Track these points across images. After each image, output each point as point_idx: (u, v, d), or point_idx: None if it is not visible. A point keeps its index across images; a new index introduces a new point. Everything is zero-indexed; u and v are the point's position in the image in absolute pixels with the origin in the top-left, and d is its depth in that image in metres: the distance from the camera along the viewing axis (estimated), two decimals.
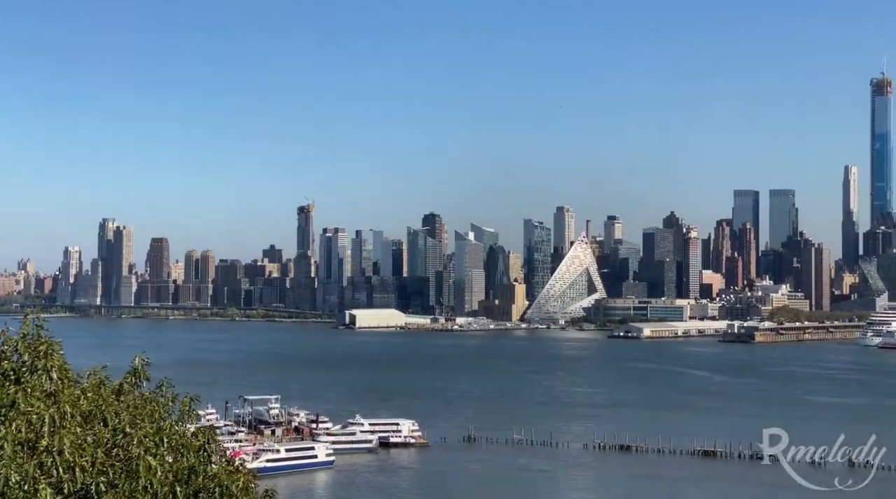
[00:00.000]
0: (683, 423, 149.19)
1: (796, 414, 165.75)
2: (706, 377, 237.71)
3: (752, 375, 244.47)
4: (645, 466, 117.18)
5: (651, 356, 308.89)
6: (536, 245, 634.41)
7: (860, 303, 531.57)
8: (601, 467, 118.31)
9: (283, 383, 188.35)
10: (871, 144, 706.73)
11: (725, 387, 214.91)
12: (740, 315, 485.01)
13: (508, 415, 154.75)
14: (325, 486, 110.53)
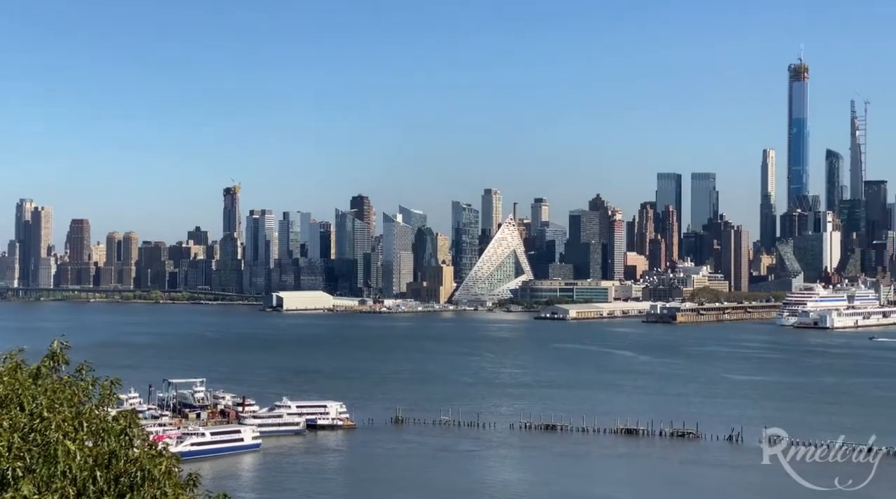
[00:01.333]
0: (608, 402, 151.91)
1: (716, 392, 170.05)
2: (630, 357, 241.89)
3: (674, 354, 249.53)
4: (569, 444, 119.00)
5: (577, 337, 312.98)
6: (464, 227, 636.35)
7: (777, 284, 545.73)
8: (526, 446, 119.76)
9: (208, 366, 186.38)
10: (789, 129, 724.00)
11: (649, 366, 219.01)
12: (663, 296, 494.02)
13: (436, 396, 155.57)
14: (251, 469, 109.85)
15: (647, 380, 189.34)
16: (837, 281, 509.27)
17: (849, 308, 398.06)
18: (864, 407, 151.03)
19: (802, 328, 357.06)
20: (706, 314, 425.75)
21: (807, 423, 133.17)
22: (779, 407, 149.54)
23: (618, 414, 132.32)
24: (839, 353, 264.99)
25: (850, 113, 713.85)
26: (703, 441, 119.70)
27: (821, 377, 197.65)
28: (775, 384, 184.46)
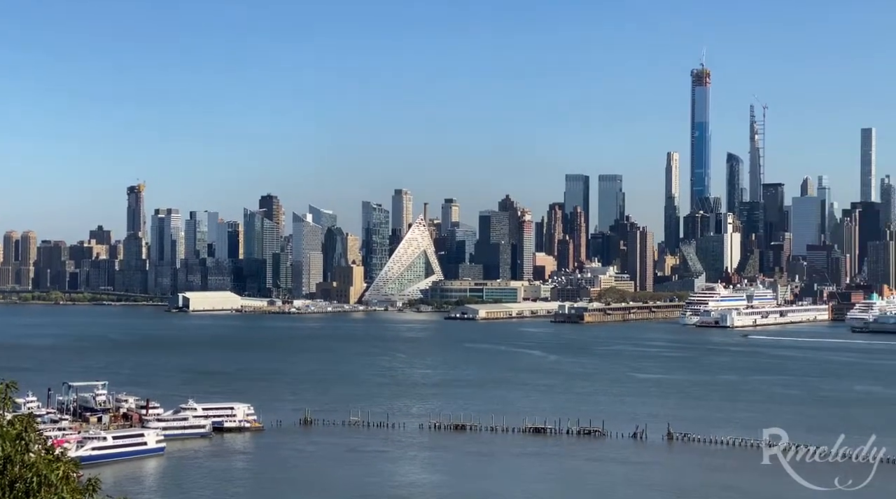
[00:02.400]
0: (517, 401, 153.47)
1: (622, 390, 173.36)
2: (540, 357, 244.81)
3: (583, 353, 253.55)
4: (478, 444, 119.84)
5: (486, 337, 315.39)
6: (375, 227, 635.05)
7: (680, 284, 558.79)
8: (436, 446, 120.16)
9: (111, 369, 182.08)
10: (691, 133, 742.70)
11: (557, 365, 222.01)
12: (571, 296, 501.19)
13: (346, 397, 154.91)
14: (154, 473, 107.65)
15: (555, 379, 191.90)
16: (737, 281, 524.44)
17: (748, 307, 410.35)
18: (764, 403, 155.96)
19: (704, 327, 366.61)
20: (613, 314, 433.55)
21: (707, 419, 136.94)
22: (682, 404, 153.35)
23: (527, 413, 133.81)
24: (739, 351, 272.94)
25: (750, 117, 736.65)
26: (608, 439, 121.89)
27: (722, 375, 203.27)
28: (679, 382, 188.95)
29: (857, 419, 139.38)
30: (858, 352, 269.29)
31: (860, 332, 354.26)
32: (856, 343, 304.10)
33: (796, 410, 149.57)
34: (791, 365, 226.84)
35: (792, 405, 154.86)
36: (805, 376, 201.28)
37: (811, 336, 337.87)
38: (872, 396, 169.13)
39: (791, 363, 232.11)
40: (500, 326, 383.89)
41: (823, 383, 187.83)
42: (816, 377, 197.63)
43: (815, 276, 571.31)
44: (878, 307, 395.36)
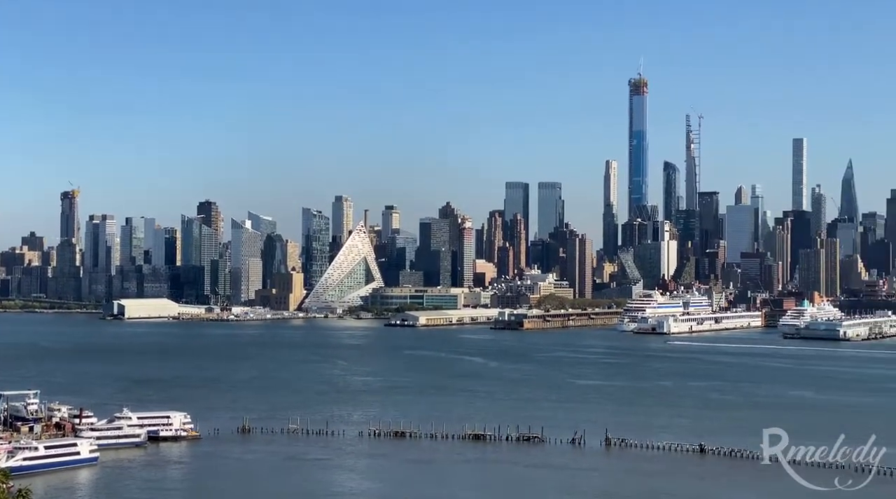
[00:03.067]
0: (458, 408, 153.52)
1: (561, 396, 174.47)
2: (480, 363, 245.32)
3: (523, 360, 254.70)
4: (418, 451, 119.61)
5: (427, 344, 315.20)
6: (315, 234, 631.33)
7: (618, 291, 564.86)
8: (376, 453, 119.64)
9: (43, 377, 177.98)
10: (629, 141, 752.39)
11: (498, 372, 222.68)
12: (511, 303, 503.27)
13: (285, 404, 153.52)
14: (87, 483, 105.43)
15: (496, 385, 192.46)
16: (674, 288, 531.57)
17: (684, 314, 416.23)
18: (700, 409, 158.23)
19: (642, 334, 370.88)
20: (552, 321, 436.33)
21: (645, 425, 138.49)
22: (621, 410, 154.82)
23: (467, 420, 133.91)
24: (676, 357, 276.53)
25: (686, 127, 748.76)
26: (547, 445, 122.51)
27: (660, 381, 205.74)
28: (618, 388, 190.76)
29: (790, 423, 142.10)
30: (790, 358, 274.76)
31: (792, 338, 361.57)
32: (788, 349, 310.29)
33: (730, 415, 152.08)
34: (726, 371, 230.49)
35: (727, 411, 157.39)
36: (740, 381, 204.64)
37: (744, 342, 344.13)
38: (806, 401, 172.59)
39: (726, 369, 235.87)
40: (440, 333, 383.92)
41: (758, 388, 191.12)
42: (751, 383, 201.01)
43: (749, 283, 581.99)
44: (808, 314, 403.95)
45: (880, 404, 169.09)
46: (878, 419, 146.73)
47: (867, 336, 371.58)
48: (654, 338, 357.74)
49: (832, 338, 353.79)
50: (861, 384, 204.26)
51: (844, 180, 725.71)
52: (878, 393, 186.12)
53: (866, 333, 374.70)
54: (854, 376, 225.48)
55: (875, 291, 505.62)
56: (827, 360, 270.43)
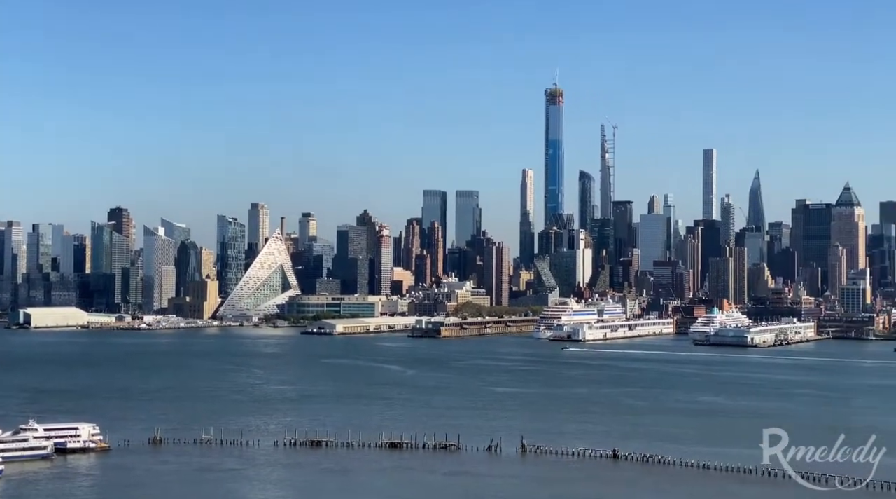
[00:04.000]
0: (375, 416, 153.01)
1: (479, 404, 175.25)
2: (398, 371, 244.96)
3: (440, 368, 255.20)
4: (334, 460, 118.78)
5: (344, 352, 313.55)
6: (230, 241, 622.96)
7: (535, 298, 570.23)
8: (291, 463, 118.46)
9: None
10: (546, 150, 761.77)
11: (415, 380, 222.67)
12: (428, 311, 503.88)
13: (199, 414, 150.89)
14: None
15: (413, 393, 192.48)
16: (589, 296, 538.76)
17: (599, 321, 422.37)
18: (614, 415, 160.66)
19: (558, 341, 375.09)
20: (469, 328, 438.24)
21: (560, 431, 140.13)
22: (537, 417, 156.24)
23: (384, 428, 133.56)
24: (591, 364, 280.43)
25: (601, 136, 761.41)
26: (463, 452, 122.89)
27: (575, 388, 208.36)
28: (534, 395, 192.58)
29: (704, 429, 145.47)
30: (701, 364, 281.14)
31: (702, 344, 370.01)
32: (698, 356, 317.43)
33: (643, 421, 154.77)
34: (639, 377, 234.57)
35: (641, 416, 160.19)
36: (652, 387, 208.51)
37: (656, 349, 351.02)
38: (716, 406, 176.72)
39: (639, 376, 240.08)
40: (357, 341, 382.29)
41: (669, 394, 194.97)
42: (663, 389, 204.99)
43: (661, 290, 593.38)
44: (718, 321, 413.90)
45: (787, 408, 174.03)
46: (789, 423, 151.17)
47: (773, 342, 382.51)
48: (570, 345, 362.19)
49: (740, 344, 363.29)
50: (768, 389, 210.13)
51: (752, 191, 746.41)
52: (785, 398, 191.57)
53: (772, 340, 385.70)
54: (762, 381, 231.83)
55: (781, 299, 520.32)
56: (736, 366, 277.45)
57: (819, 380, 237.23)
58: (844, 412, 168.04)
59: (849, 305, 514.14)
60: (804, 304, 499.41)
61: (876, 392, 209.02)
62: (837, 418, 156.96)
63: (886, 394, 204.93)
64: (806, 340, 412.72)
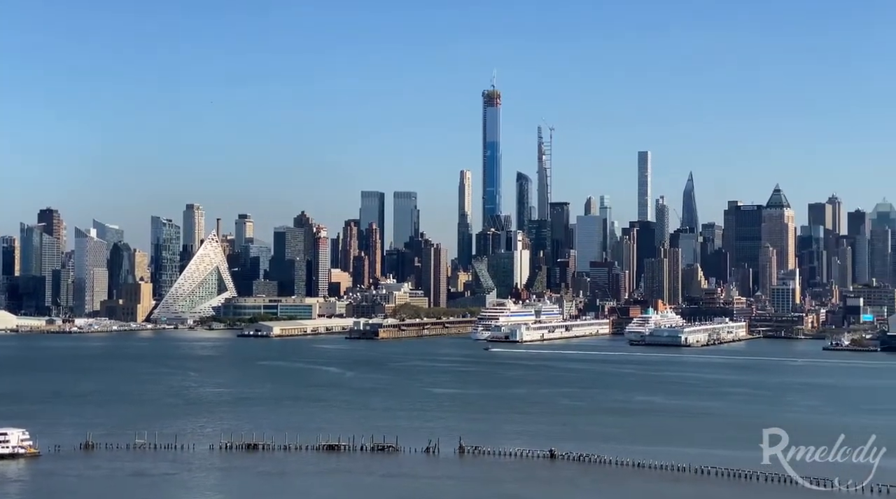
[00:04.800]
0: (313, 418, 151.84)
1: (417, 405, 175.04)
2: (337, 373, 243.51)
3: (379, 370, 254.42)
4: (271, 463, 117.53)
5: (282, 354, 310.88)
6: (165, 243, 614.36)
7: (473, 300, 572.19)
8: (227, 467, 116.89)
9: None
10: (483, 152, 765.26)
11: (354, 382, 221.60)
12: (366, 312, 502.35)
13: (133, 418, 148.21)
14: None
15: (351, 395, 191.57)
16: (526, 297, 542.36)
17: (536, 322, 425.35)
18: (552, 415, 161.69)
19: (495, 342, 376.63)
20: (407, 330, 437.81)
21: (499, 432, 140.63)
22: (476, 418, 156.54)
23: (321, 430, 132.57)
24: (529, 365, 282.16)
25: (538, 138, 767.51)
26: (402, 454, 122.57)
27: (513, 388, 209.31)
28: (473, 396, 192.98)
29: (640, 428, 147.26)
30: (637, 364, 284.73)
31: (637, 344, 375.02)
32: (634, 355, 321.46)
33: (580, 421, 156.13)
34: (577, 378, 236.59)
35: (579, 416, 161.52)
36: (589, 387, 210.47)
37: (593, 349, 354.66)
38: (653, 405, 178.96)
39: (577, 376, 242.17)
40: (295, 343, 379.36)
41: (606, 394, 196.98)
42: (600, 389, 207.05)
43: (598, 291, 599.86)
44: (653, 321, 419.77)
45: (720, 407, 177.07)
46: (725, 422, 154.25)
47: (706, 342, 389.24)
48: (508, 345, 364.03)
49: (675, 344, 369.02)
50: (702, 388, 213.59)
51: (685, 192, 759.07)
52: (718, 397, 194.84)
53: (706, 340, 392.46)
54: (696, 380, 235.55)
55: (714, 299, 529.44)
56: (670, 365, 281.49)
57: (751, 379, 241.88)
58: (774, 410, 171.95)
59: (779, 304, 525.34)
60: (736, 304, 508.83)
61: (806, 390, 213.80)
62: (767, 417, 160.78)
63: (816, 392, 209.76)
64: (738, 340, 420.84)
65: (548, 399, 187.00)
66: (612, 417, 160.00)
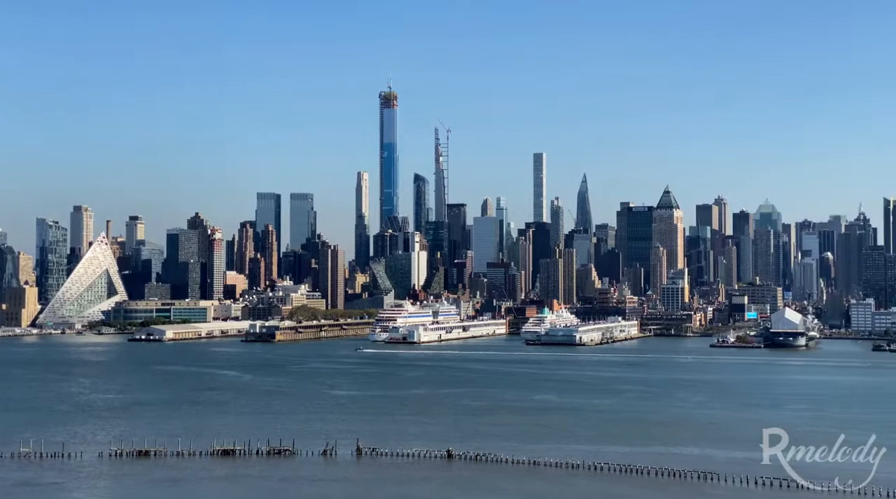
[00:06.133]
0: (209, 423, 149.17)
1: (316, 407, 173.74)
2: (234, 377, 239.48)
3: (277, 373, 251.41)
4: (164, 470, 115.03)
5: (176, 358, 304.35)
6: (51, 246, 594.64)
7: (371, 301, 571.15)
8: (119, 474, 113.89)
9: None
10: (381, 153, 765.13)
11: (251, 385, 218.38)
12: (262, 315, 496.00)
13: (17, 426, 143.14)
14: None
15: (249, 398, 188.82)
16: (424, 298, 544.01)
17: (434, 323, 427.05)
18: (450, 415, 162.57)
19: (393, 343, 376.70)
20: (305, 332, 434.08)
21: (399, 433, 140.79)
22: (375, 419, 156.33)
23: (217, 435, 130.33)
24: (428, 366, 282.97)
25: (435, 140, 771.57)
26: (298, 457, 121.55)
27: (413, 389, 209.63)
28: (373, 398, 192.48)
29: (537, 426, 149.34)
30: (533, 363, 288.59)
31: (533, 344, 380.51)
32: (531, 355, 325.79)
33: (479, 421, 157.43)
34: (475, 378, 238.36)
35: (477, 415, 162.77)
36: (487, 387, 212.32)
37: (490, 349, 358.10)
38: (549, 404, 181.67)
39: (475, 376, 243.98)
40: (189, 347, 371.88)
41: (503, 393, 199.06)
42: (497, 388, 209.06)
43: (494, 291, 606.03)
44: (548, 321, 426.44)
45: (614, 404, 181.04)
46: (618, 419, 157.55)
47: (600, 341, 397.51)
48: (406, 346, 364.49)
49: (569, 343, 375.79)
50: (597, 386, 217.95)
51: (580, 194, 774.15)
52: (611, 394, 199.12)
53: (599, 338, 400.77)
54: (590, 378, 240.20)
55: (607, 299, 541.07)
56: (566, 364, 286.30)
57: (642, 376, 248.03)
58: (664, 406, 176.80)
59: (669, 303, 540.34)
60: (628, 303, 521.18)
61: (694, 386, 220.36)
62: (660, 412, 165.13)
63: (703, 388, 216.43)
64: (630, 338, 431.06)
65: (446, 400, 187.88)
66: (510, 416, 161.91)
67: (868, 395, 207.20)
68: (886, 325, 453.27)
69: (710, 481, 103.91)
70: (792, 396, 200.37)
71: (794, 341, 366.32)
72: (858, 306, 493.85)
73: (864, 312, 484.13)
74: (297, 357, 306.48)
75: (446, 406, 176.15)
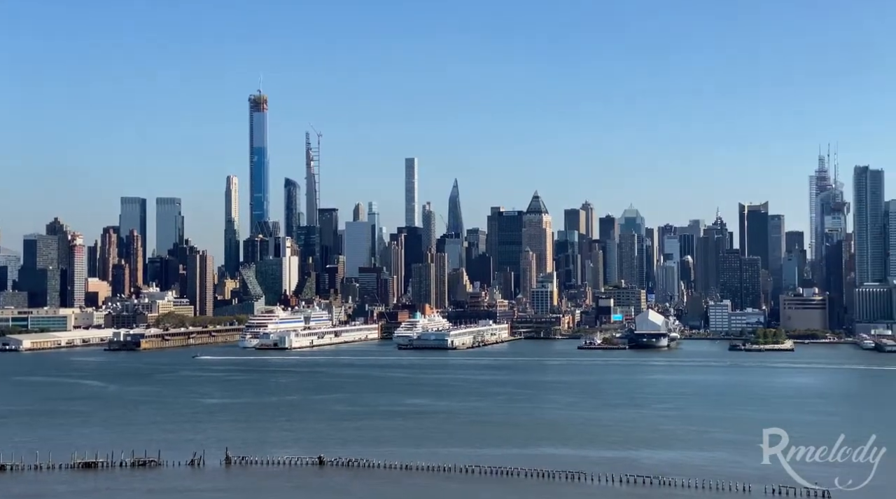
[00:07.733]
0: (70, 435, 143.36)
1: (185, 416, 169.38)
2: (99, 387, 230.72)
3: (144, 382, 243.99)
4: (21, 485, 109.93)
5: (34, 369, 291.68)
6: None
7: (241, 307, 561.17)
8: None
9: None
10: (250, 157, 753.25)
11: (116, 395, 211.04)
12: (127, 323, 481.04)
13: None
14: None
15: (114, 409, 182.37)
16: (295, 304, 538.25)
17: (305, 329, 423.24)
18: (323, 422, 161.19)
19: (264, 349, 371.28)
20: (172, 339, 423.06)
21: (272, 440, 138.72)
22: (247, 427, 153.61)
23: (79, 447, 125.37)
24: (301, 371, 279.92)
25: (306, 144, 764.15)
26: (165, 468, 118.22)
27: (286, 396, 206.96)
28: (243, 405, 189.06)
29: (409, 430, 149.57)
30: (406, 367, 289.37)
31: (406, 348, 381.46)
32: (403, 359, 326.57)
33: (352, 425, 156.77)
34: (348, 383, 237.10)
35: (350, 421, 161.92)
36: (360, 392, 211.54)
37: (363, 354, 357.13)
38: (422, 407, 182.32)
39: (348, 381, 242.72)
40: (49, 357, 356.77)
41: (376, 398, 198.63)
42: (370, 393, 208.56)
43: (367, 296, 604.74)
44: (420, 325, 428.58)
45: (482, 407, 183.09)
46: (490, 421, 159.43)
47: (472, 344, 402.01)
48: (277, 353, 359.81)
49: (441, 347, 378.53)
50: (468, 389, 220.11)
51: (451, 199, 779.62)
52: (483, 397, 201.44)
53: (471, 342, 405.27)
54: (461, 382, 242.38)
55: (478, 302, 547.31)
56: (438, 368, 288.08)
57: (513, 378, 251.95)
58: (535, 409, 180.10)
59: (538, 306, 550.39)
60: (499, 306, 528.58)
61: (563, 387, 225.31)
62: (532, 414, 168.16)
63: (572, 389, 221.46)
64: (501, 341, 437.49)
65: (319, 405, 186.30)
66: (382, 420, 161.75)
67: (726, 393, 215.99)
68: (742, 325, 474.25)
69: (577, 481, 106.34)
70: (655, 395, 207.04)
71: (657, 342, 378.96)
72: (716, 308, 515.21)
73: (722, 313, 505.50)
74: (165, 365, 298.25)
75: (319, 412, 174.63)
